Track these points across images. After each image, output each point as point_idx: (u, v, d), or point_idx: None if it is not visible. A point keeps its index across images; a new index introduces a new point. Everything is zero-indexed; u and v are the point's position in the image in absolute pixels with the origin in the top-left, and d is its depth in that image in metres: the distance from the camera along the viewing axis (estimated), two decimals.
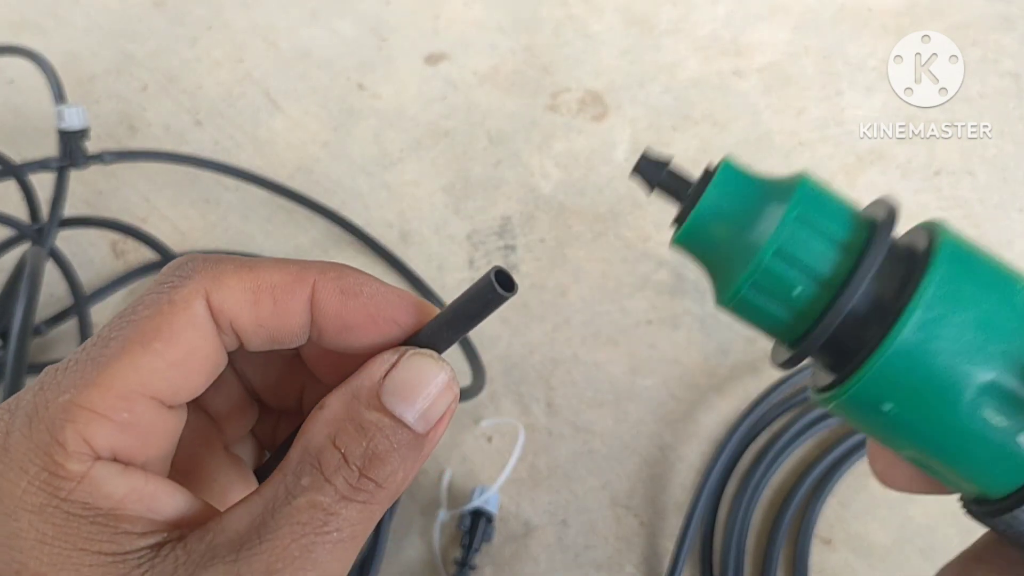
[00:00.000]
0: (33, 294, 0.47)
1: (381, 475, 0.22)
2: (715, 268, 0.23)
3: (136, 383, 0.22)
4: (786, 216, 0.21)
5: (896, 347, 0.20)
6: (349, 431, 0.22)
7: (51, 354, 0.61)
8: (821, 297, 0.21)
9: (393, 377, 0.23)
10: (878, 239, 0.21)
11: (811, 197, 0.21)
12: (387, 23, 0.75)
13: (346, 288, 0.24)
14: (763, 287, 0.21)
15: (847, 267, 0.21)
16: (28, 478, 0.21)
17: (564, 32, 0.74)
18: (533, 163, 0.68)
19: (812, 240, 0.21)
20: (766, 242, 0.21)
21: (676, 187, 0.23)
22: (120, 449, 0.22)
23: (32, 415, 0.21)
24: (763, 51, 0.72)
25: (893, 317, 0.20)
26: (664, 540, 0.54)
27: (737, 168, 0.22)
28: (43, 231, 0.57)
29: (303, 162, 0.69)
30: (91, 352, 0.22)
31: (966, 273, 0.20)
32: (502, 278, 0.23)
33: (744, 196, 0.22)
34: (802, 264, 0.21)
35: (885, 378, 0.20)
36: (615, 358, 0.59)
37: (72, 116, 0.58)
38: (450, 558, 0.54)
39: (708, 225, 0.22)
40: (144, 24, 0.76)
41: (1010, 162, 0.66)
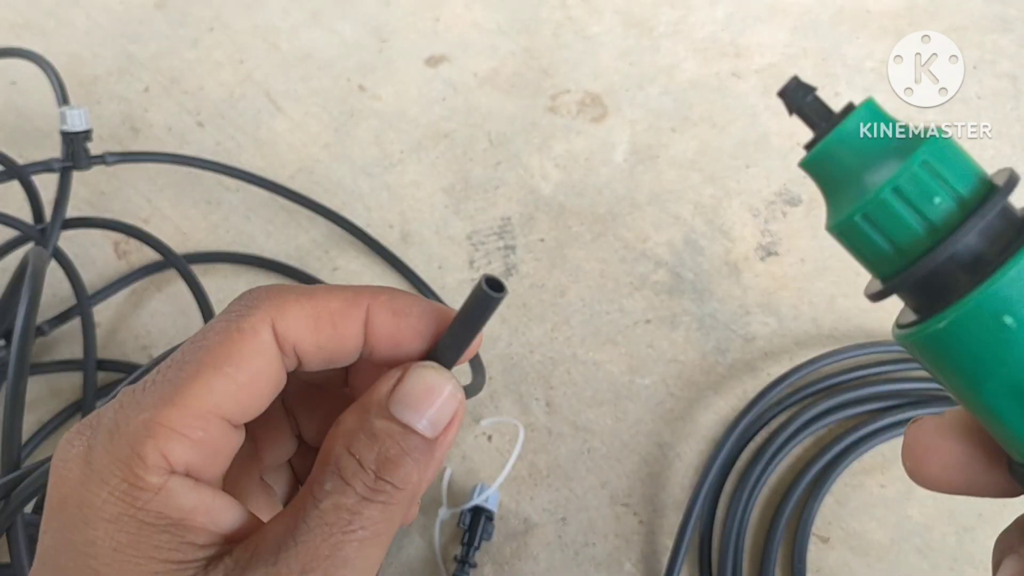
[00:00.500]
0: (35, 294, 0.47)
1: (396, 477, 0.24)
2: (834, 193, 0.24)
3: (210, 404, 0.24)
4: (912, 159, 0.22)
5: (983, 298, 0.21)
6: (362, 439, 0.24)
7: (54, 354, 0.61)
8: (925, 240, 0.22)
9: (399, 390, 0.25)
10: (992, 199, 0.22)
11: (940, 149, 0.22)
12: (387, 25, 0.76)
13: (397, 310, 0.26)
14: (874, 219, 0.23)
15: (957, 218, 0.22)
16: (108, 489, 0.23)
17: (564, 34, 0.74)
18: (533, 164, 0.68)
19: (931, 186, 0.22)
20: (888, 178, 0.22)
21: (816, 114, 0.24)
22: (192, 465, 0.24)
23: (113, 431, 0.23)
24: (762, 53, 0.72)
25: (988, 271, 0.21)
26: (663, 538, 0.54)
27: (879, 109, 0.24)
28: (46, 232, 0.57)
29: (304, 163, 0.70)
30: (167, 374, 0.24)
31: None
32: (492, 283, 0.25)
33: (880, 134, 0.23)
34: (915, 207, 0.22)
35: (966, 325, 0.22)
36: (614, 357, 0.60)
37: (75, 118, 0.58)
38: (450, 556, 0.54)
39: (840, 152, 0.23)
40: (146, 26, 0.77)
41: (1008, 162, 0.66)
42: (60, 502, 0.23)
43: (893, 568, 0.53)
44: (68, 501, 0.23)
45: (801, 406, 0.56)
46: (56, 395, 0.60)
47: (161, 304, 0.64)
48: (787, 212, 0.65)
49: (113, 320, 0.63)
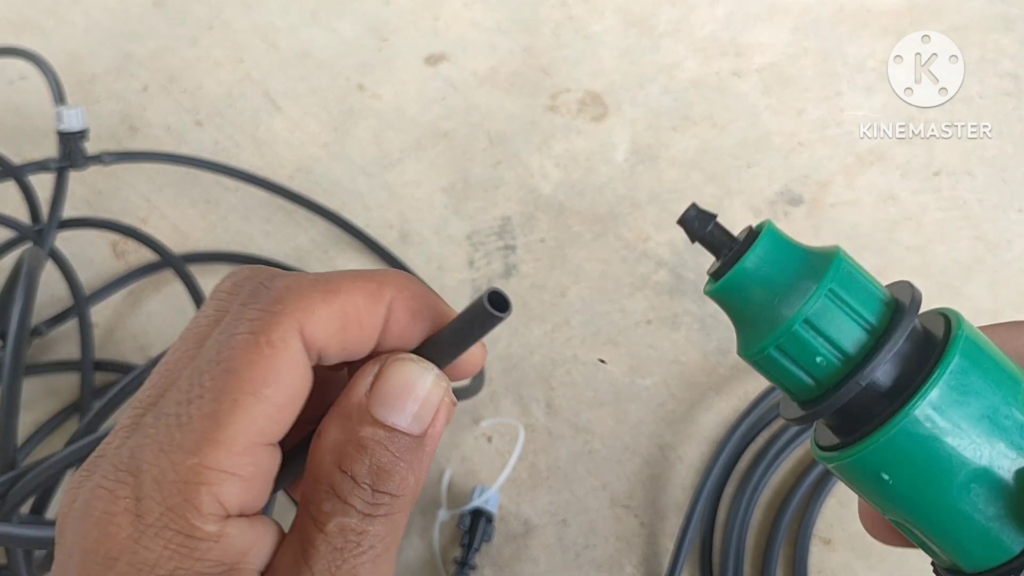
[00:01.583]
0: (30, 295, 0.47)
1: (392, 486, 0.23)
2: (743, 323, 0.24)
3: (255, 434, 0.22)
4: (819, 288, 0.23)
5: (903, 426, 0.22)
6: (350, 452, 0.23)
7: (51, 354, 0.61)
8: (840, 369, 0.23)
9: (378, 388, 0.24)
10: (901, 325, 0.23)
11: (843, 275, 0.23)
12: (387, 24, 0.75)
13: (416, 311, 0.25)
14: (787, 351, 0.23)
15: (868, 345, 0.23)
16: (163, 542, 0.21)
17: (564, 33, 0.74)
18: (533, 164, 0.68)
19: (839, 316, 0.23)
20: (797, 310, 0.23)
21: (719, 242, 0.24)
22: (247, 502, 0.23)
23: (160, 479, 0.22)
24: (762, 52, 0.72)
25: (905, 397, 0.22)
26: (664, 540, 0.54)
27: (780, 233, 0.24)
28: (43, 232, 0.57)
29: (303, 162, 0.69)
30: (203, 407, 0.22)
31: (976, 366, 0.23)
32: (496, 299, 0.24)
33: (782, 262, 0.24)
34: (827, 336, 0.23)
35: (887, 452, 0.22)
36: (615, 358, 0.60)
37: (71, 118, 0.58)
38: (450, 558, 0.54)
39: (746, 284, 0.24)
40: (144, 24, 0.77)
41: (1009, 163, 0.66)
42: (108, 558, 0.22)
43: (896, 570, 0.53)
44: (119, 557, 0.22)
45: None
46: (54, 395, 0.59)
47: (159, 304, 0.64)
48: (788, 212, 0.65)
49: (111, 320, 0.63)
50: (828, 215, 0.64)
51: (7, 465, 0.44)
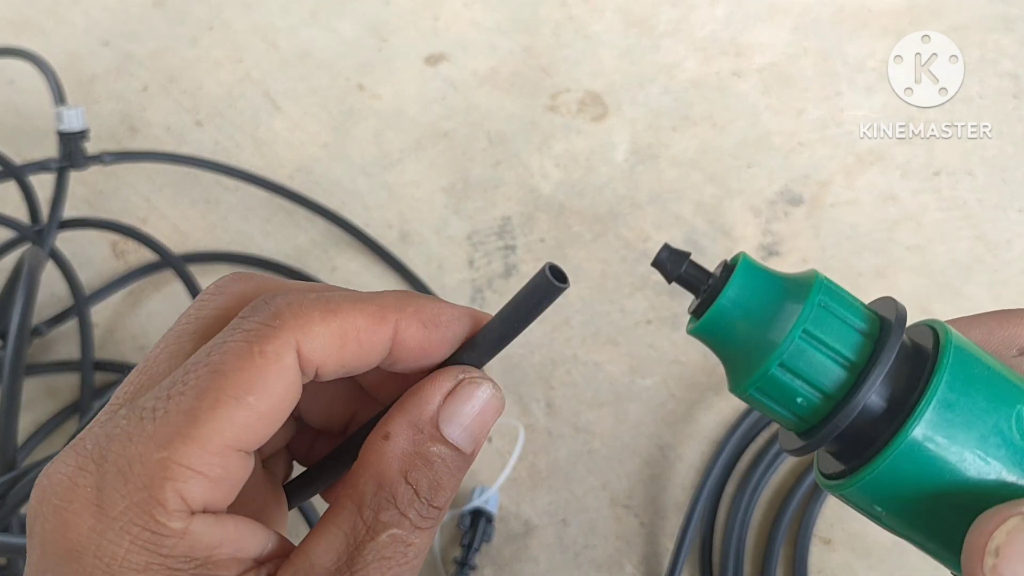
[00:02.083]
0: (31, 295, 0.47)
1: (442, 500, 0.24)
2: (728, 360, 0.24)
3: (230, 438, 0.22)
4: (793, 329, 0.22)
5: (905, 446, 0.22)
6: (418, 466, 0.24)
7: (51, 354, 0.61)
8: (821, 407, 0.22)
9: (452, 407, 0.25)
10: (883, 356, 0.22)
11: (820, 311, 0.22)
12: (387, 24, 0.75)
13: (427, 321, 0.25)
14: (768, 393, 0.23)
15: (849, 381, 0.22)
16: (130, 538, 0.21)
17: (564, 33, 0.74)
18: (533, 164, 0.68)
19: (815, 356, 0.22)
20: (773, 353, 0.22)
21: (695, 280, 0.24)
22: (212, 501, 0.22)
23: (126, 471, 0.21)
24: (762, 52, 0.72)
25: (902, 417, 0.22)
26: (664, 540, 0.54)
27: (756, 265, 0.24)
28: (43, 232, 0.57)
29: (303, 162, 0.69)
30: (181, 403, 0.22)
31: (968, 386, 0.22)
32: (556, 272, 0.24)
33: (761, 296, 0.23)
34: (804, 378, 0.22)
35: (893, 473, 0.22)
36: (615, 358, 0.60)
37: (71, 118, 0.58)
38: (450, 558, 0.54)
39: (726, 321, 0.23)
40: (144, 24, 0.77)
41: (1009, 163, 0.66)
42: (70, 551, 0.21)
43: (895, 570, 0.52)
44: (83, 551, 0.21)
45: None
46: (53, 395, 0.59)
47: (159, 304, 0.64)
48: (789, 212, 0.65)
49: (111, 320, 0.63)
50: (828, 215, 0.64)
51: (7, 466, 0.44)
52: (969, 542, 0.22)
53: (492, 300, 0.62)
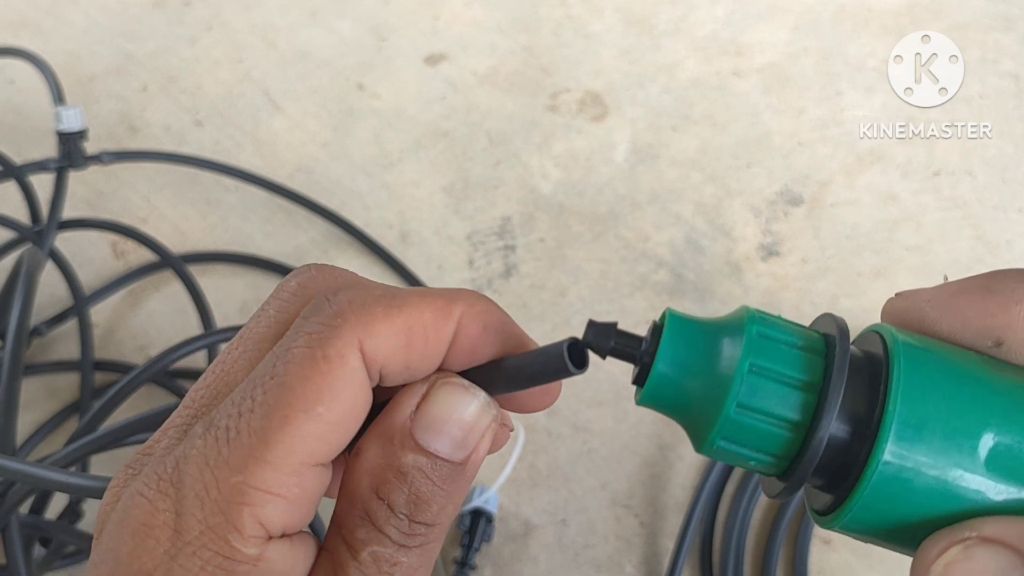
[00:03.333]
0: (30, 295, 0.47)
1: (429, 516, 0.22)
2: (685, 420, 0.23)
3: (304, 454, 0.21)
4: (739, 369, 0.21)
5: (876, 478, 0.21)
6: (389, 479, 0.22)
7: (51, 354, 0.61)
8: (794, 437, 0.22)
9: (424, 412, 0.23)
10: (836, 377, 0.21)
11: (759, 343, 0.22)
12: (387, 23, 0.75)
13: (488, 325, 0.24)
14: (735, 439, 0.22)
15: (811, 403, 0.21)
16: (201, 563, 0.21)
17: (564, 32, 0.74)
18: (533, 163, 0.68)
19: (769, 387, 0.21)
20: (727, 397, 0.21)
21: (628, 348, 0.23)
22: (290, 523, 0.22)
23: (203, 496, 0.21)
24: (763, 51, 0.72)
25: (873, 432, 0.21)
26: (664, 539, 0.54)
27: (683, 319, 0.23)
28: (42, 233, 0.57)
29: (303, 162, 0.69)
30: (252, 422, 0.21)
31: (926, 372, 0.21)
32: (576, 353, 0.22)
33: (696, 348, 0.22)
34: (766, 411, 0.22)
35: (872, 505, 0.21)
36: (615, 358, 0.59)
37: (70, 118, 0.58)
38: (450, 558, 0.54)
39: (669, 383, 0.22)
40: (144, 24, 0.77)
41: (1010, 162, 0.66)
42: (140, 573, 0.21)
43: (895, 570, 0.52)
44: (155, 573, 0.21)
45: None
46: (53, 396, 0.59)
47: (159, 304, 0.64)
48: (789, 212, 0.65)
49: (111, 321, 0.63)
50: (828, 215, 0.64)
51: None
52: (914, 566, 0.21)
53: None
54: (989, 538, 0.20)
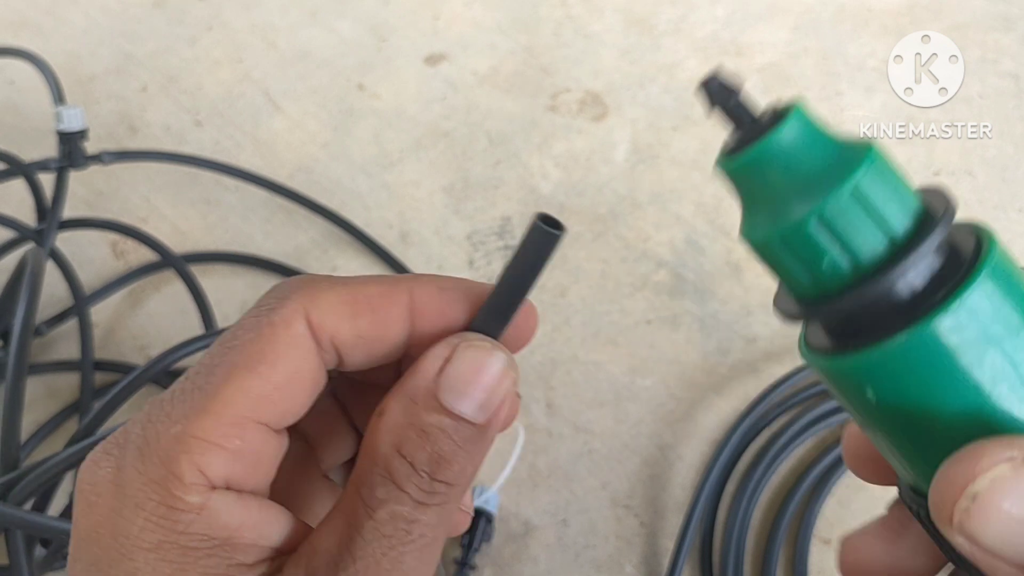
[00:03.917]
0: (34, 295, 0.47)
1: (451, 475, 0.22)
2: (752, 203, 0.22)
3: (245, 408, 0.22)
4: (842, 186, 0.20)
5: (925, 333, 0.20)
6: (412, 438, 0.22)
7: (51, 354, 0.61)
8: (849, 275, 0.20)
9: (448, 373, 0.23)
10: (926, 241, 0.20)
11: (875, 174, 0.20)
12: (387, 23, 0.75)
13: (443, 287, 0.24)
14: (794, 247, 0.21)
15: (885, 256, 0.20)
16: (144, 515, 0.21)
17: (564, 32, 0.74)
18: (533, 163, 0.68)
19: (860, 219, 0.20)
20: (814, 205, 0.20)
21: (739, 114, 0.22)
22: (233, 477, 0.22)
23: (143, 448, 0.21)
24: (763, 51, 0.72)
25: (918, 315, 0.20)
26: (664, 540, 0.54)
27: (809, 117, 0.21)
28: (43, 232, 0.57)
29: (303, 162, 0.69)
30: (196, 380, 0.22)
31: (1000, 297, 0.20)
32: (548, 221, 0.22)
33: (809, 147, 0.21)
34: (842, 240, 0.20)
35: (880, 368, 0.20)
36: (615, 358, 0.60)
37: (71, 117, 0.58)
38: (449, 558, 0.54)
39: (766, 164, 0.21)
40: (144, 24, 0.77)
41: (1010, 162, 0.66)
42: (90, 532, 0.21)
43: None
44: (101, 531, 0.21)
45: (803, 407, 0.56)
46: (53, 396, 0.59)
47: (159, 304, 0.64)
48: None
49: (111, 320, 0.63)
50: None
51: (10, 465, 0.44)
52: (946, 475, 0.20)
53: None
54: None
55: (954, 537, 0.19)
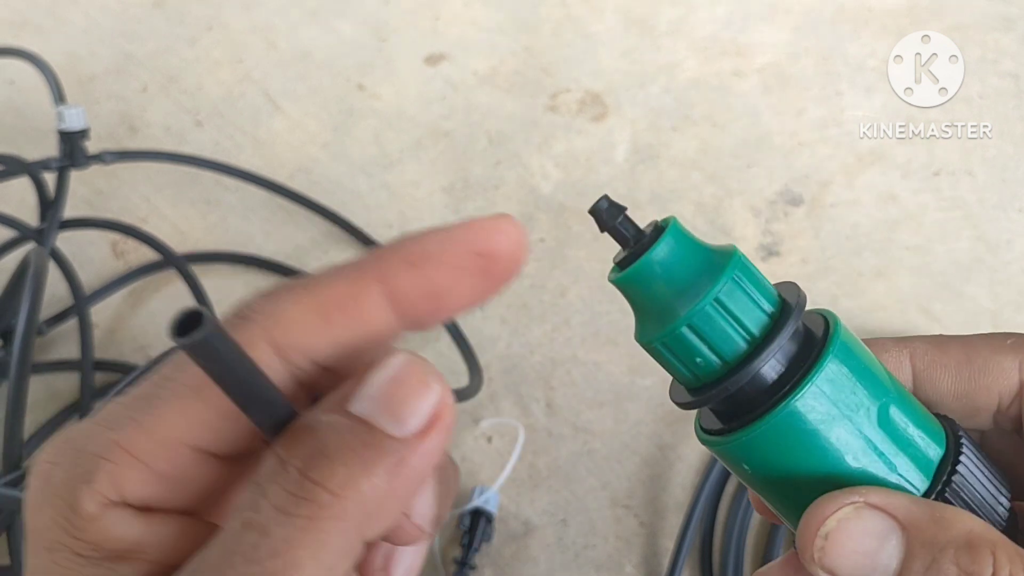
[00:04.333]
0: (37, 294, 0.47)
1: (332, 479, 0.18)
2: (641, 312, 0.26)
3: (181, 431, 0.20)
4: (706, 297, 0.24)
5: (784, 415, 0.23)
6: (295, 435, 0.19)
7: (51, 354, 0.61)
8: (719, 370, 0.24)
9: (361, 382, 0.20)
10: (779, 336, 0.24)
11: (733, 284, 0.24)
12: (387, 23, 0.75)
13: (415, 259, 0.21)
14: (671, 349, 0.24)
15: (746, 352, 0.24)
16: (52, 513, 0.20)
17: (564, 33, 0.74)
18: (533, 163, 0.68)
19: (721, 325, 0.24)
20: (684, 314, 0.24)
21: (627, 233, 0.26)
22: (151, 497, 0.21)
23: (81, 448, 0.20)
24: (763, 51, 0.72)
25: (787, 390, 0.24)
26: (664, 540, 0.54)
27: (683, 231, 0.25)
28: (44, 232, 0.57)
29: (303, 162, 0.69)
30: (147, 390, 0.21)
31: (845, 374, 0.24)
32: (187, 322, 0.18)
33: (682, 260, 0.25)
34: (708, 342, 0.24)
35: (768, 438, 0.24)
36: (615, 358, 0.60)
37: (72, 117, 0.58)
38: (450, 558, 0.54)
39: (647, 276, 0.25)
40: (144, 24, 0.77)
41: (1010, 162, 0.66)
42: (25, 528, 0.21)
43: None
44: (27, 526, 0.20)
45: None
46: (53, 396, 0.59)
47: (160, 304, 0.64)
48: (789, 212, 0.65)
49: (111, 320, 0.63)
50: (828, 215, 0.64)
51: (13, 464, 0.44)
52: (806, 521, 0.23)
53: (492, 300, 0.62)
54: (875, 504, 0.23)
55: (817, 572, 0.23)
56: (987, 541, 0.22)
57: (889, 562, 0.23)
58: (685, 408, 0.26)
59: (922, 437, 0.24)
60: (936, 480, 0.24)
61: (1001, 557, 0.22)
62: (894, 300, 0.60)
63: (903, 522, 0.23)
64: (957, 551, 0.22)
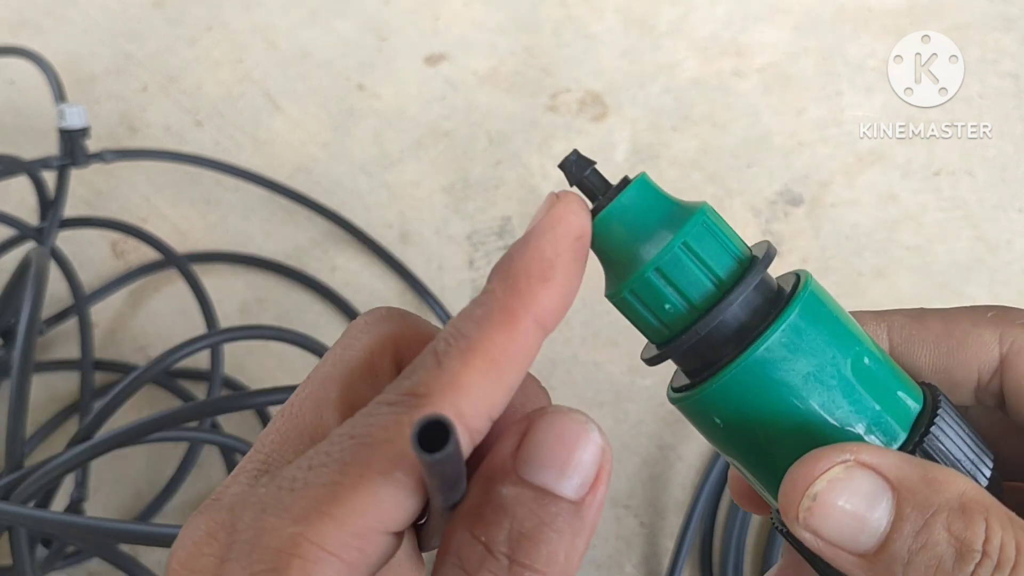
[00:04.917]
0: (39, 294, 0.47)
1: (538, 558, 0.19)
2: (608, 264, 0.25)
3: (373, 519, 0.19)
4: (674, 240, 0.23)
5: (749, 362, 0.23)
6: (487, 515, 0.19)
7: (51, 354, 0.61)
8: (687, 316, 0.24)
9: (527, 444, 0.20)
10: (746, 279, 0.24)
11: (702, 229, 0.24)
12: (387, 23, 0.75)
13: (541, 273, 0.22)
14: (640, 296, 0.24)
15: (715, 297, 0.24)
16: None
17: (564, 32, 0.74)
18: (533, 163, 0.68)
19: (690, 267, 0.24)
20: (651, 259, 0.24)
21: (595, 187, 0.25)
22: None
23: (254, 543, 0.19)
24: (763, 51, 0.72)
25: (752, 337, 0.23)
26: (664, 540, 0.54)
27: (652, 184, 0.25)
28: (44, 231, 0.57)
29: (303, 162, 0.69)
30: (322, 475, 0.19)
31: (815, 324, 0.23)
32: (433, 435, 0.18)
33: (650, 209, 0.24)
34: (676, 286, 0.24)
35: (735, 388, 0.23)
36: (615, 358, 0.60)
37: (73, 115, 0.58)
38: None
39: (613, 226, 0.24)
40: (144, 24, 0.77)
41: (1010, 162, 0.66)
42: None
43: None
44: None
45: None
46: (53, 396, 0.59)
47: (160, 304, 0.64)
48: (789, 212, 0.65)
49: (111, 320, 0.63)
50: (828, 215, 0.64)
51: (15, 464, 0.44)
52: (791, 478, 0.22)
53: None
54: (865, 463, 0.22)
55: (801, 533, 0.22)
56: (980, 505, 0.21)
57: (878, 525, 0.22)
58: (655, 362, 0.25)
59: (900, 389, 0.24)
60: (914, 432, 0.24)
61: (994, 523, 0.21)
62: (894, 300, 0.60)
63: (894, 483, 0.22)
64: (950, 515, 0.21)
